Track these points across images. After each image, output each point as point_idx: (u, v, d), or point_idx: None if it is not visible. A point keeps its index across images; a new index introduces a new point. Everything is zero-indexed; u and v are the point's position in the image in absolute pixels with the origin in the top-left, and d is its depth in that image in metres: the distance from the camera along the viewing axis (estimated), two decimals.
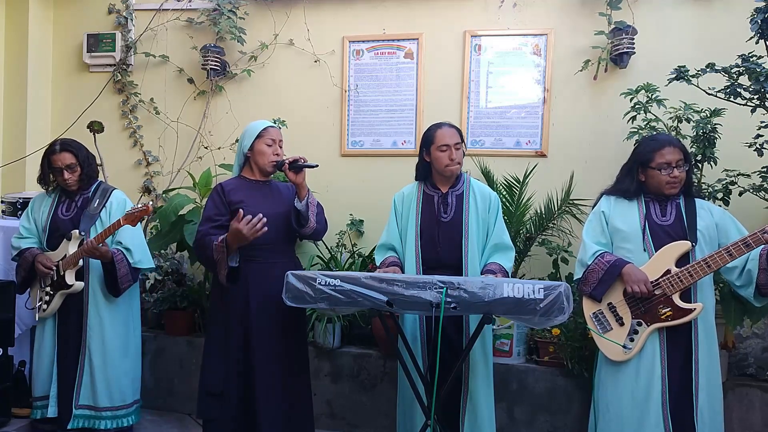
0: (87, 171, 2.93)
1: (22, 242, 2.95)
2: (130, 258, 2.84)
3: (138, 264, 2.87)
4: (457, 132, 2.55)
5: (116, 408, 2.86)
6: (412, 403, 2.44)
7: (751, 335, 3.16)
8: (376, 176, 3.75)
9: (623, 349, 2.27)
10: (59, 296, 2.81)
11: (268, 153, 2.57)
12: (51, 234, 2.90)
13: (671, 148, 2.31)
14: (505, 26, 3.65)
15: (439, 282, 2.01)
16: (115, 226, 2.69)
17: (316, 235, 2.66)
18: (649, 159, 2.34)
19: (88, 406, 2.83)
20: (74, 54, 4.29)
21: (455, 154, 2.51)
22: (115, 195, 2.98)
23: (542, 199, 3.38)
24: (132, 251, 2.85)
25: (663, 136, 2.44)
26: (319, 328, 3.27)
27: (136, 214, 2.62)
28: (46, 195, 3.01)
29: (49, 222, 2.91)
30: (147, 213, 2.62)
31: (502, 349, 3.11)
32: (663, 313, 2.23)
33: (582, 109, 3.54)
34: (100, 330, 2.84)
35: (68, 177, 2.87)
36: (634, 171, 2.40)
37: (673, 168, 2.29)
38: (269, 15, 3.95)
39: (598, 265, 2.34)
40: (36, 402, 2.91)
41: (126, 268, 2.82)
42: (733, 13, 3.25)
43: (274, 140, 2.59)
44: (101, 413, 2.83)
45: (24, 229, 2.97)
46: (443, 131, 2.54)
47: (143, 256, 2.92)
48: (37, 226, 2.95)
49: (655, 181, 2.34)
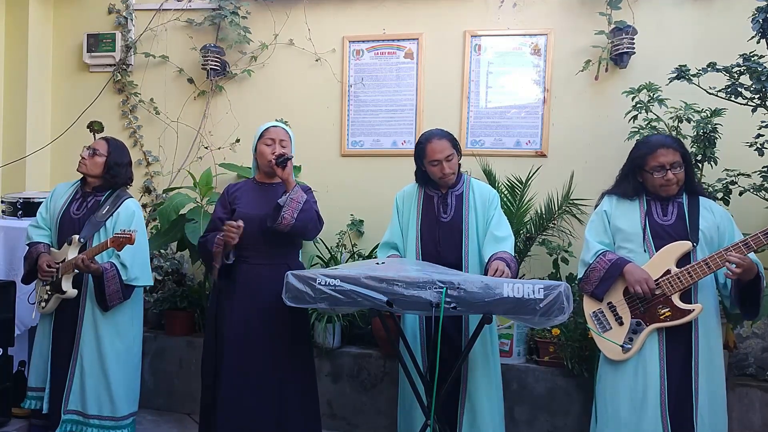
0: (112, 172, 2.84)
1: (34, 233, 2.90)
2: (125, 275, 2.73)
3: (133, 281, 2.76)
4: (448, 142, 2.50)
5: (104, 418, 2.76)
6: (412, 402, 2.44)
7: (751, 335, 3.15)
8: (376, 176, 3.75)
9: (622, 348, 2.27)
10: (55, 299, 2.77)
11: (267, 153, 2.53)
12: (60, 229, 2.85)
13: (664, 150, 2.28)
14: (505, 26, 3.65)
15: (439, 282, 2.01)
16: (103, 247, 2.63)
17: (300, 235, 2.54)
18: (643, 163, 2.33)
19: (76, 411, 2.77)
20: (74, 54, 4.29)
21: (447, 168, 2.49)
22: (126, 205, 2.85)
23: (542, 199, 3.38)
24: (128, 268, 2.73)
25: (655, 138, 2.39)
26: (319, 328, 3.27)
27: (121, 240, 2.56)
28: (69, 185, 2.95)
29: (60, 216, 2.86)
30: (129, 242, 2.55)
31: (502, 349, 3.10)
32: (662, 313, 2.22)
33: (582, 109, 3.54)
34: (93, 339, 2.77)
35: (84, 158, 2.83)
36: (631, 174, 2.39)
37: (667, 170, 2.27)
38: (269, 15, 3.95)
39: (599, 263, 2.34)
40: (30, 392, 2.86)
41: (116, 286, 2.71)
42: (733, 13, 3.24)
43: (273, 140, 2.55)
44: (89, 420, 2.75)
45: (41, 217, 2.92)
46: (433, 146, 2.49)
47: (141, 273, 2.80)
48: (52, 216, 2.90)
49: (650, 184, 2.34)
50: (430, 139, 2.52)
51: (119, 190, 2.91)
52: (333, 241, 3.70)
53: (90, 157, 2.84)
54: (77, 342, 2.77)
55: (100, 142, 2.90)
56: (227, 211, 2.59)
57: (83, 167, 2.86)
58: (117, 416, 2.79)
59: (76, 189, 2.93)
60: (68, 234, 2.80)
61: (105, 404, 2.77)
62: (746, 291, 2.21)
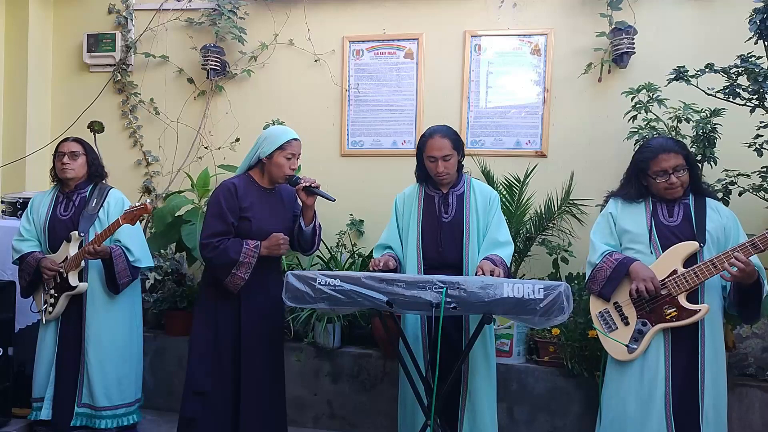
0: (91, 169, 2.95)
1: (23, 245, 2.93)
2: (130, 256, 2.85)
3: (137, 263, 2.88)
4: (450, 142, 2.46)
5: (115, 407, 2.86)
6: (413, 402, 2.44)
7: (751, 335, 3.15)
8: (376, 176, 3.75)
9: (627, 348, 2.27)
10: (64, 298, 2.82)
11: (286, 167, 2.52)
12: (50, 234, 2.89)
13: (666, 155, 2.27)
14: (505, 26, 3.65)
15: (439, 282, 2.01)
16: (115, 226, 2.70)
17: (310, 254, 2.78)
18: (646, 167, 2.32)
19: (88, 405, 2.85)
20: (74, 54, 4.29)
21: (442, 166, 2.47)
22: (113, 194, 2.98)
23: (542, 199, 3.38)
24: (131, 250, 2.85)
25: (657, 143, 2.36)
26: (319, 328, 3.27)
27: (135, 213, 2.62)
28: (46, 194, 3.01)
29: (47, 222, 2.90)
30: (146, 211, 2.63)
31: (502, 349, 3.10)
32: (668, 313, 2.22)
33: (582, 109, 3.54)
34: (98, 330, 2.85)
35: (67, 162, 2.88)
36: (635, 177, 2.39)
37: (670, 174, 2.27)
38: (269, 15, 3.95)
39: (606, 263, 2.33)
40: (34, 403, 2.91)
41: (124, 264, 2.82)
42: (732, 14, 3.24)
43: (294, 155, 2.54)
44: (101, 413, 2.83)
45: (24, 230, 2.96)
46: (432, 142, 2.48)
47: (142, 255, 2.92)
48: (36, 226, 2.94)
49: (654, 188, 2.34)
50: (432, 134, 2.50)
51: (100, 183, 3.00)
52: (333, 241, 3.71)
53: (73, 159, 2.90)
54: (84, 338, 2.84)
55: (71, 143, 2.94)
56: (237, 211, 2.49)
57: (70, 172, 2.91)
58: (126, 402, 2.91)
59: (56, 194, 2.98)
60: (61, 235, 2.85)
61: (114, 394, 2.86)
62: (746, 295, 2.21)
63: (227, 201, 2.48)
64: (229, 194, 2.49)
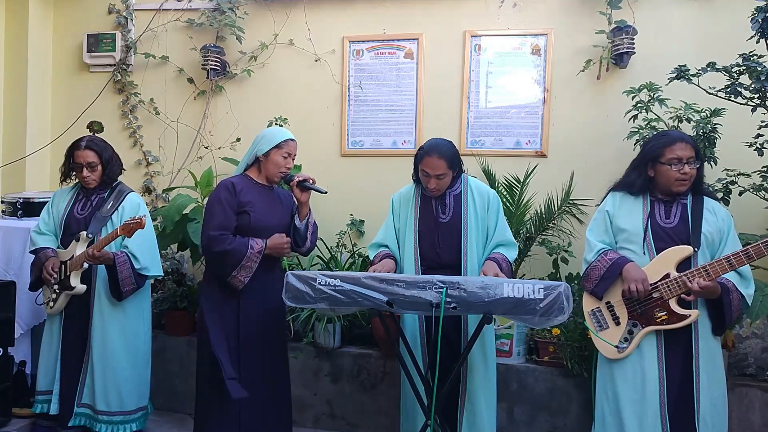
0: (108, 172, 2.93)
1: (39, 239, 2.94)
2: (136, 264, 2.81)
3: (143, 270, 2.84)
4: (446, 162, 2.43)
5: (112, 413, 2.82)
6: (414, 402, 2.44)
7: (751, 335, 3.16)
8: (376, 176, 3.75)
9: (616, 348, 2.28)
10: (64, 296, 2.82)
11: (282, 165, 2.58)
12: (65, 231, 2.90)
13: (683, 144, 2.28)
14: (505, 26, 3.64)
15: (439, 282, 2.01)
16: (113, 236, 2.69)
17: (305, 253, 2.79)
18: (660, 154, 2.31)
19: (88, 405, 2.85)
20: (74, 54, 4.29)
21: (433, 183, 2.47)
22: (130, 198, 2.95)
23: (542, 199, 3.38)
24: (138, 257, 2.81)
25: (675, 132, 2.43)
26: (319, 328, 3.27)
27: (131, 226, 2.62)
28: (68, 190, 3.02)
29: (64, 219, 2.92)
30: (140, 226, 2.62)
31: (502, 349, 3.10)
32: (659, 316, 2.23)
33: (582, 109, 3.54)
34: (102, 335, 2.83)
35: (87, 175, 2.88)
36: (643, 166, 2.37)
37: (684, 164, 2.27)
38: (269, 15, 3.95)
39: (600, 262, 2.34)
40: (38, 396, 2.91)
41: (128, 271, 2.79)
42: (733, 12, 3.23)
43: (290, 154, 2.61)
44: (98, 416, 2.82)
45: (44, 223, 2.97)
46: (429, 160, 2.45)
47: (150, 263, 2.88)
48: (55, 221, 2.96)
49: (664, 178, 2.31)
50: (430, 153, 2.45)
51: (120, 184, 3.00)
52: (333, 241, 3.71)
53: (92, 171, 2.89)
54: (89, 339, 2.83)
55: (87, 153, 2.87)
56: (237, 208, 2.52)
57: (92, 183, 2.91)
58: (125, 410, 2.86)
59: (77, 191, 2.99)
60: (74, 233, 2.86)
61: (113, 400, 2.83)
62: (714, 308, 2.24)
63: (227, 203, 2.51)
64: (228, 192, 2.52)
